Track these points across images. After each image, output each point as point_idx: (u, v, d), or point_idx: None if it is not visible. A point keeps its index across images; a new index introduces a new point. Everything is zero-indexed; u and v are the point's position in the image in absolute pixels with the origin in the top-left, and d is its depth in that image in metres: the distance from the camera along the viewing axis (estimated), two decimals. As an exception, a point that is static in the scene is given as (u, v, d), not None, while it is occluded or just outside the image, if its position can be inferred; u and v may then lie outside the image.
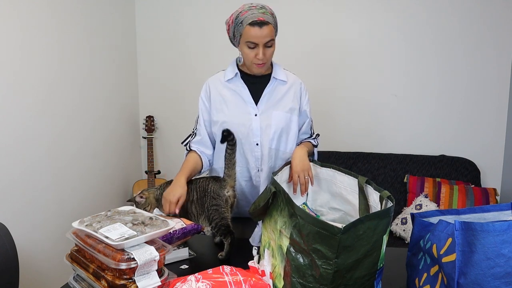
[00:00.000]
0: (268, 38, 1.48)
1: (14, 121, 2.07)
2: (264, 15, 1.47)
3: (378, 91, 2.97)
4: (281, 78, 1.63)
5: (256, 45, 1.49)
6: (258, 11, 1.48)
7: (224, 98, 1.62)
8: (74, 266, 1.08)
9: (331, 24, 2.98)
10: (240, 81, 1.62)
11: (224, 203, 1.39)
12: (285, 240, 0.99)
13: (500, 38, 2.76)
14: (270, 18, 1.49)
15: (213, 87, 1.65)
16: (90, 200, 2.70)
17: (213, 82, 1.67)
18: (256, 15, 1.46)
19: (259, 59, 1.51)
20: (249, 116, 1.59)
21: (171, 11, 3.17)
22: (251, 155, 1.60)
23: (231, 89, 1.62)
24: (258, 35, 1.46)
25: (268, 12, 1.49)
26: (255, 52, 1.50)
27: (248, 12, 1.48)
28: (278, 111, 1.60)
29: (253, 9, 1.49)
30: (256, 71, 1.59)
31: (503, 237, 0.81)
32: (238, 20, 1.50)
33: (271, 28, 1.48)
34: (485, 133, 2.86)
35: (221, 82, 1.65)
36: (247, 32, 1.47)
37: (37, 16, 2.20)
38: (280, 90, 1.63)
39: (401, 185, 2.79)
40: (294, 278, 0.95)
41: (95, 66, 2.74)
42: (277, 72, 1.63)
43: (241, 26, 1.49)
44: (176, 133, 3.32)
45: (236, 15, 1.52)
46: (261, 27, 1.46)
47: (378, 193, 1.11)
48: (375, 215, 0.92)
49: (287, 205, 1.00)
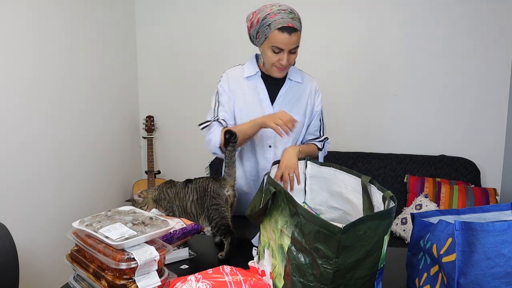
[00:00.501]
0: (294, 45, 1.46)
1: (14, 121, 2.07)
2: (293, 21, 1.43)
3: (378, 91, 2.98)
4: (296, 79, 1.61)
5: (281, 51, 1.45)
6: (288, 16, 1.43)
7: (242, 93, 1.59)
8: (74, 266, 1.08)
9: (331, 24, 2.98)
10: (260, 80, 1.59)
11: (224, 202, 1.39)
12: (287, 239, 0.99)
13: (500, 38, 2.76)
14: (298, 24, 1.45)
15: (232, 78, 1.60)
16: (90, 200, 2.70)
17: (232, 74, 1.62)
18: (286, 20, 1.41)
19: (282, 65, 1.48)
20: None
21: (171, 11, 3.18)
22: (262, 156, 1.59)
23: (250, 87, 1.59)
24: (286, 42, 1.43)
25: (296, 18, 1.45)
26: (279, 57, 1.47)
27: (278, 16, 1.42)
28: (293, 113, 1.56)
29: (282, 12, 1.43)
30: (276, 75, 1.55)
31: (503, 237, 0.81)
32: (265, 22, 1.44)
33: (299, 35, 1.46)
34: (485, 133, 2.86)
35: (240, 77, 1.61)
36: (275, 36, 1.42)
37: (37, 19, 2.20)
38: (295, 92, 1.61)
39: (401, 185, 2.79)
40: (295, 277, 0.95)
41: (95, 66, 2.74)
42: (292, 73, 1.61)
43: (268, 29, 1.43)
44: (176, 133, 3.32)
45: (264, 16, 1.45)
46: (290, 34, 1.42)
47: (381, 193, 1.11)
48: (376, 215, 0.92)
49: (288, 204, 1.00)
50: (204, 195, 1.40)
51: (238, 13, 3.10)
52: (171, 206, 1.42)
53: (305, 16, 2.98)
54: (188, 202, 1.41)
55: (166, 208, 1.43)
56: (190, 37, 3.17)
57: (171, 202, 1.42)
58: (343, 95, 3.02)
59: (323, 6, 2.96)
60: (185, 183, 1.44)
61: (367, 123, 3.02)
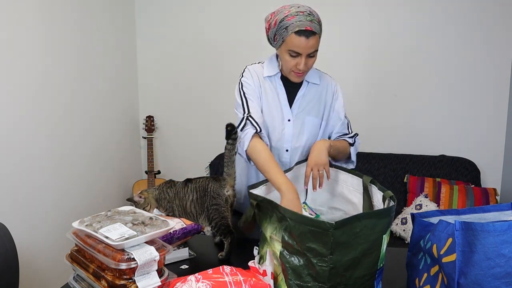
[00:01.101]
0: (312, 49, 1.38)
1: (14, 121, 2.07)
2: (312, 24, 1.35)
3: (378, 91, 2.98)
4: (314, 81, 1.55)
5: (298, 55, 1.39)
6: (306, 19, 1.35)
7: (264, 90, 1.53)
8: (74, 266, 1.08)
9: (330, 24, 2.98)
10: (279, 82, 1.54)
11: (224, 202, 1.39)
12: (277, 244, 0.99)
13: (500, 38, 2.76)
14: (317, 27, 1.37)
15: (254, 74, 1.54)
16: (90, 200, 2.70)
17: (254, 70, 1.55)
18: (304, 23, 1.34)
19: (300, 70, 1.42)
20: (282, 121, 1.53)
21: (171, 11, 3.18)
22: (278, 160, 1.53)
23: (269, 87, 1.54)
24: (303, 46, 1.36)
25: (316, 20, 1.37)
26: (297, 61, 1.40)
27: (295, 18, 1.35)
28: (311, 116, 1.54)
29: (300, 15, 1.35)
30: (294, 80, 1.49)
31: (503, 237, 0.81)
32: (283, 25, 1.37)
33: (317, 39, 1.38)
34: (485, 133, 2.86)
35: (260, 75, 1.55)
36: (292, 40, 1.36)
37: (37, 17, 2.20)
38: (313, 94, 1.56)
39: (401, 185, 2.79)
40: (291, 280, 0.95)
41: (95, 66, 2.74)
42: (309, 74, 1.54)
43: (285, 32, 1.37)
44: (176, 133, 3.32)
45: (281, 18, 1.38)
46: (307, 38, 1.35)
47: (382, 193, 1.11)
48: (373, 213, 0.92)
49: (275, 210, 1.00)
50: (204, 195, 1.40)
51: (238, 13, 3.11)
52: (171, 206, 1.42)
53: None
54: (188, 202, 1.41)
55: (166, 208, 1.43)
56: (190, 37, 3.17)
57: (171, 202, 1.42)
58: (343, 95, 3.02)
59: (324, 6, 2.96)
60: (185, 183, 1.44)
61: (367, 123, 3.02)
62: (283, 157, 1.55)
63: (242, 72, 1.57)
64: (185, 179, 1.45)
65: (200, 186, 1.42)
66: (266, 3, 2.84)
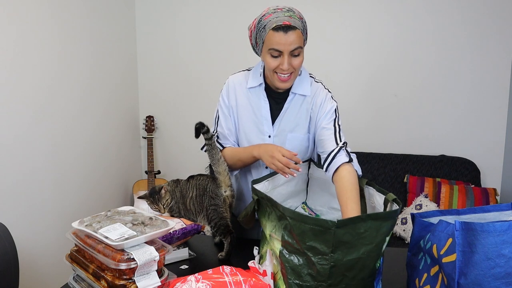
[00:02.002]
0: (294, 46, 1.27)
1: (14, 121, 2.07)
2: (291, 19, 1.26)
3: (379, 91, 2.98)
4: (301, 92, 1.42)
5: (280, 53, 1.28)
6: (284, 14, 1.26)
7: (241, 106, 1.45)
8: (74, 266, 1.08)
9: (331, 24, 2.98)
10: (263, 93, 1.42)
11: (222, 202, 1.38)
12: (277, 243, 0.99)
13: (500, 38, 2.76)
14: (297, 22, 1.27)
15: (232, 89, 1.46)
16: (90, 200, 2.70)
17: (234, 83, 1.47)
18: (281, 19, 1.25)
19: (284, 69, 1.29)
20: (262, 136, 1.44)
21: (171, 12, 3.17)
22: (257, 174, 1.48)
23: (251, 100, 1.44)
24: (283, 42, 1.25)
25: (296, 16, 1.28)
26: (279, 61, 1.29)
27: (273, 15, 1.27)
28: (294, 133, 1.43)
29: (278, 11, 1.28)
30: (279, 86, 1.36)
31: (504, 238, 0.81)
32: (261, 25, 1.29)
33: (299, 34, 1.27)
34: (485, 133, 2.86)
35: (243, 87, 1.45)
36: (270, 37, 1.26)
37: (37, 18, 2.20)
38: (299, 108, 1.43)
39: (401, 185, 2.79)
40: (291, 279, 0.95)
41: (95, 66, 2.74)
42: (298, 84, 1.41)
43: (263, 32, 1.28)
44: (176, 133, 3.32)
45: (260, 19, 1.31)
46: (286, 33, 1.24)
47: (382, 195, 1.11)
48: (378, 215, 0.92)
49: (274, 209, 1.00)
50: (203, 193, 1.40)
51: (238, 13, 3.11)
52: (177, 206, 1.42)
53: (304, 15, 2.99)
54: (188, 199, 1.41)
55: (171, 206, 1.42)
56: (190, 37, 3.17)
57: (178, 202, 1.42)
58: (343, 95, 3.02)
59: (324, 6, 2.96)
60: (188, 179, 1.44)
61: (367, 123, 3.02)
62: (263, 172, 1.47)
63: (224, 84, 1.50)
64: (189, 176, 1.45)
65: (200, 184, 1.41)
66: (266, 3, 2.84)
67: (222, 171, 1.38)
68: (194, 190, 1.41)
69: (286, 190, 1.43)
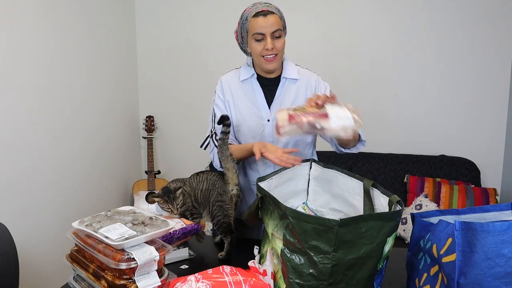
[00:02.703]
0: (274, 27, 1.41)
1: (14, 121, 2.07)
2: (269, 7, 1.43)
3: (378, 91, 2.98)
4: (292, 76, 1.53)
5: (263, 36, 1.41)
6: (262, 5, 1.44)
7: (238, 99, 1.54)
8: (74, 266, 1.08)
9: (330, 24, 2.98)
10: (256, 83, 1.53)
11: (229, 200, 1.38)
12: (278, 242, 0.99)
13: (500, 38, 2.76)
14: (275, 9, 1.44)
15: (226, 85, 1.56)
16: (90, 200, 2.70)
17: (226, 80, 1.58)
18: (259, 7, 1.43)
19: (268, 50, 1.41)
20: (261, 122, 1.51)
21: (171, 11, 3.18)
22: (261, 161, 1.52)
23: (246, 90, 1.54)
24: (263, 24, 1.40)
25: (273, 6, 1.45)
26: (263, 44, 1.42)
27: (252, 8, 1.44)
28: None
29: (257, 4, 1.45)
30: (267, 67, 1.47)
31: (503, 237, 0.81)
32: (243, 18, 1.45)
33: (277, 18, 1.42)
34: (485, 133, 2.86)
35: (236, 81, 1.56)
36: (253, 24, 1.42)
37: (37, 17, 2.20)
38: (292, 90, 1.53)
39: (401, 185, 2.79)
40: (291, 279, 0.95)
41: (96, 66, 2.74)
42: (287, 70, 1.54)
43: (246, 22, 1.44)
44: (176, 133, 3.32)
45: (241, 15, 1.47)
46: (265, 16, 1.40)
47: (386, 197, 1.11)
48: (379, 215, 0.92)
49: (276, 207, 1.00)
50: (212, 188, 1.39)
51: (238, 13, 3.10)
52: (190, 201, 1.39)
53: (304, 15, 3.00)
54: (198, 191, 1.40)
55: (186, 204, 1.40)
56: (190, 37, 3.17)
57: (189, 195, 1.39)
58: (343, 95, 3.01)
59: (324, 5, 2.96)
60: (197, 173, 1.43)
61: (367, 123, 2.99)
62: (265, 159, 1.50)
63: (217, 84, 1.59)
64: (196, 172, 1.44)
65: (211, 179, 1.41)
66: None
67: (231, 168, 1.40)
68: (205, 183, 1.40)
69: (287, 189, 1.43)
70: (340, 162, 2.85)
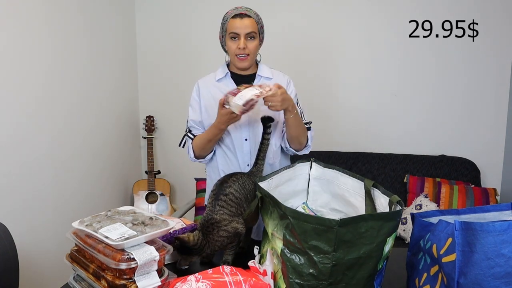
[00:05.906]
0: (249, 29, 1.54)
1: (14, 121, 2.07)
2: (247, 11, 1.56)
3: (378, 91, 2.98)
4: (266, 75, 1.67)
5: (237, 36, 1.54)
6: (243, 9, 1.57)
7: (215, 97, 1.62)
8: (74, 266, 1.08)
9: (330, 24, 2.98)
10: (230, 80, 1.66)
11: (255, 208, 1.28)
12: (278, 242, 0.99)
13: (500, 38, 2.76)
14: (253, 13, 1.57)
15: (203, 87, 1.69)
16: (90, 200, 2.70)
17: (203, 82, 1.71)
18: (239, 10, 1.57)
19: (240, 49, 1.55)
20: None
21: (171, 11, 3.17)
22: (240, 150, 1.63)
23: (222, 88, 1.64)
24: (239, 25, 1.53)
25: (252, 11, 1.58)
26: (237, 43, 1.55)
27: (233, 10, 1.58)
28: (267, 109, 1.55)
29: (238, 8, 1.58)
30: (239, 65, 1.61)
31: (503, 237, 0.81)
32: (224, 19, 1.59)
33: (253, 22, 1.55)
34: (485, 133, 2.86)
35: (212, 82, 1.69)
36: (231, 24, 1.55)
37: (37, 17, 2.20)
38: None
39: (401, 185, 2.79)
40: (291, 278, 0.95)
41: (95, 66, 2.74)
42: (262, 70, 1.68)
43: (225, 23, 1.58)
44: (176, 133, 3.31)
45: (223, 16, 1.60)
46: (242, 18, 1.54)
47: (387, 197, 1.11)
48: (379, 215, 0.92)
49: (276, 207, 1.00)
50: (245, 189, 1.33)
51: (238, 13, 3.11)
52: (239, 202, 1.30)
53: (303, 15, 3.00)
54: (248, 192, 1.34)
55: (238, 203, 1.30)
56: (190, 37, 3.17)
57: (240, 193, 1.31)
58: (343, 95, 3.02)
59: (323, 5, 2.96)
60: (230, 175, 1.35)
61: (367, 123, 3.02)
62: (243, 147, 1.63)
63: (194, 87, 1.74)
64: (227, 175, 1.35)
65: (245, 181, 1.36)
66: (268, 2, 2.85)
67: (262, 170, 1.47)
68: (251, 183, 1.36)
69: (287, 189, 1.44)
70: (340, 162, 2.85)
